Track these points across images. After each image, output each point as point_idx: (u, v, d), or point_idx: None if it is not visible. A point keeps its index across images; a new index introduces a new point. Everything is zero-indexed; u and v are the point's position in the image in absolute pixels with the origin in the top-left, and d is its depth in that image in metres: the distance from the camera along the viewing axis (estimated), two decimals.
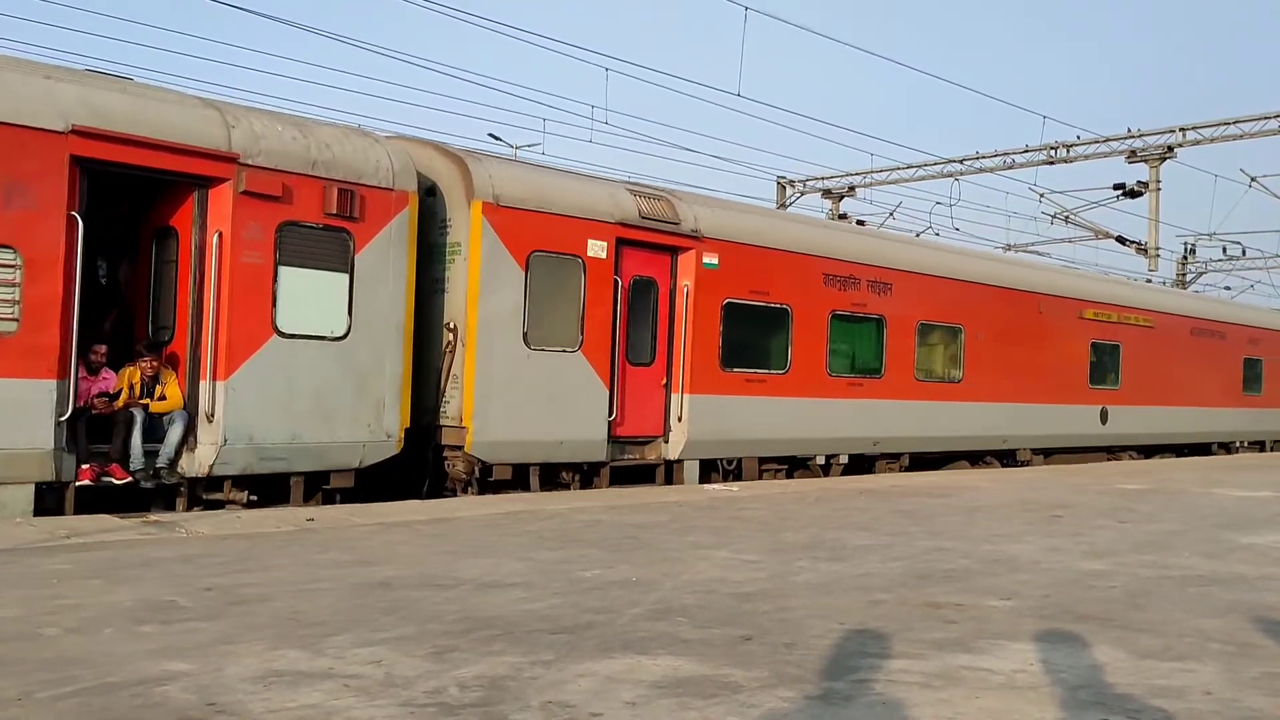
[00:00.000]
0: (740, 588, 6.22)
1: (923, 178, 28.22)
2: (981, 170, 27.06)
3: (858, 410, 15.01)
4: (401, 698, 3.91)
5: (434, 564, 6.74)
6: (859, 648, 4.85)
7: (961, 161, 27.22)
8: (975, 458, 18.02)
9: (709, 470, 13.25)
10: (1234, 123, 23.82)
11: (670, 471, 12.85)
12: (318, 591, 5.76)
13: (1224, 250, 38.73)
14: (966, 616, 5.61)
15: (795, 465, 14.54)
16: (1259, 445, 26.53)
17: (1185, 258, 39.77)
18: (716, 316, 13.11)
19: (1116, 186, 25.99)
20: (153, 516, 8.57)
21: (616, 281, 12.05)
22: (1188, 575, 7.13)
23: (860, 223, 27.33)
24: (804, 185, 30.19)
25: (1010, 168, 26.61)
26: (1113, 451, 21.13)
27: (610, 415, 11.91)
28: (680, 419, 12.66)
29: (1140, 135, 24.96)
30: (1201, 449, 24.29)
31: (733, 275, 13.25)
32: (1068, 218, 28.22)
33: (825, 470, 14.87)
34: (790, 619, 5.41)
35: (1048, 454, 19.30)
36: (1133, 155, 25.06)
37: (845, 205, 29.90)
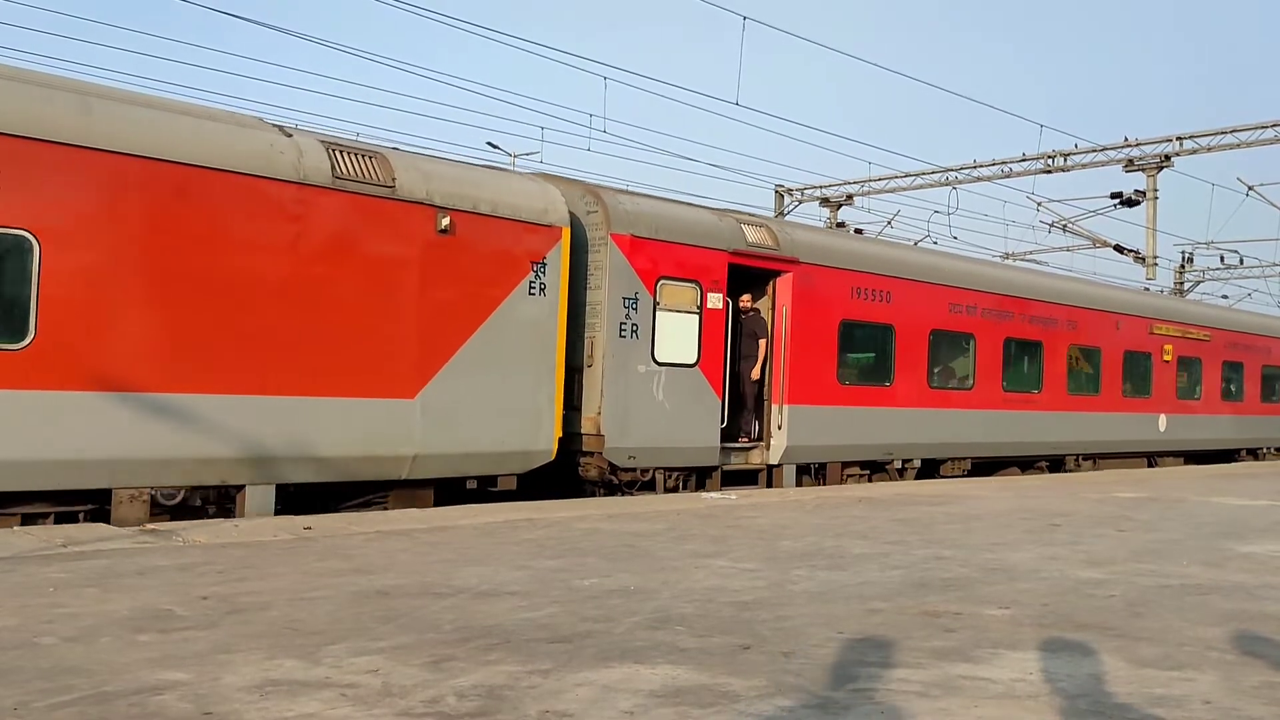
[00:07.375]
0: (738, 596, 6.21)
1: (920, 186, 28.28)
2: (979, 179, 27.11)
3: None
4: (399, 707, 3.90)
5: (432, 572, 6.72)
6: (858, 656, 4.84)
7: (959, 170, 27.27)
8: None
9: None
10: (1231, 131, 23.87)
11: None
12: (315, 600, 5.75)
13: (1221, 259, 38.81)
14: (965, 625, 5.60)
15: None
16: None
17: (1183, 266, 39.85)
18: None
19: (1114, 195, 26.02)
20: (150, 525, 8.56)
21: None
22: (1186, 584, 7.12)
23: (858, 231, 27.38)
24: (802, 194, 30.24)
25: (1008, 176, 26.67)
26: None
27: None
28: None
29: (1137, 144, 25.02)
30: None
31: None
32: (1065, 226, 28.26)
33: None
34: (789, 628, 5.40)
35: None
36: (1130, 164, 25.10)
37: (843, 214, 29.95)
